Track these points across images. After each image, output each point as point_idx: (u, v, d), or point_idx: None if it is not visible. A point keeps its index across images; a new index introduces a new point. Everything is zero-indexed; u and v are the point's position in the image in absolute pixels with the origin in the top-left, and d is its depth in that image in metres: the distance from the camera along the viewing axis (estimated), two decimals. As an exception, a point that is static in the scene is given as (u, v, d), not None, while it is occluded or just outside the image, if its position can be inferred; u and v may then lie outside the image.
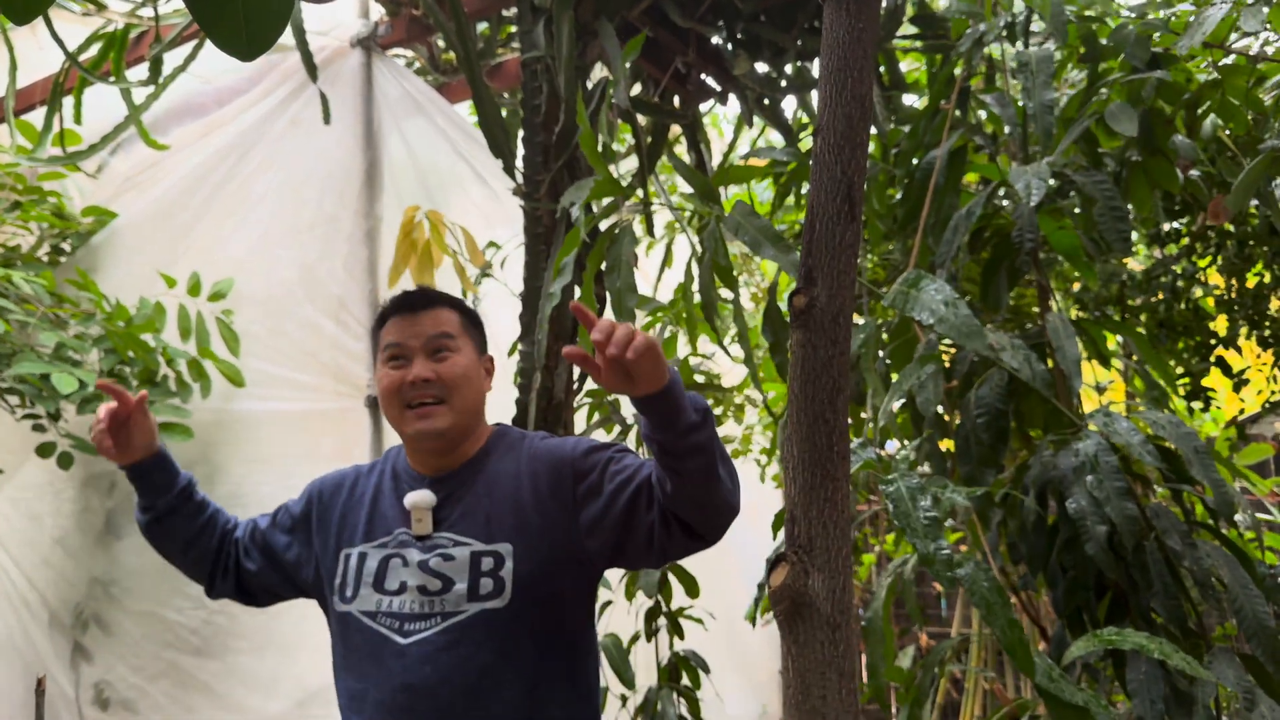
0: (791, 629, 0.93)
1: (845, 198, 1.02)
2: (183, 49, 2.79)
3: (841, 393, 0.97)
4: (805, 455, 0.96)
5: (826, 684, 0.90)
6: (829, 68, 1.08)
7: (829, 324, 0.99)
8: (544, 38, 2.49)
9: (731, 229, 1.77)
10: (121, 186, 3.83)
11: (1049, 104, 2.04)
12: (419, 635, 1.57)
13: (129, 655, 3.54)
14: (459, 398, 1.65)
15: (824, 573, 0.92)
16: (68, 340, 3.19)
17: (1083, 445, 1.75)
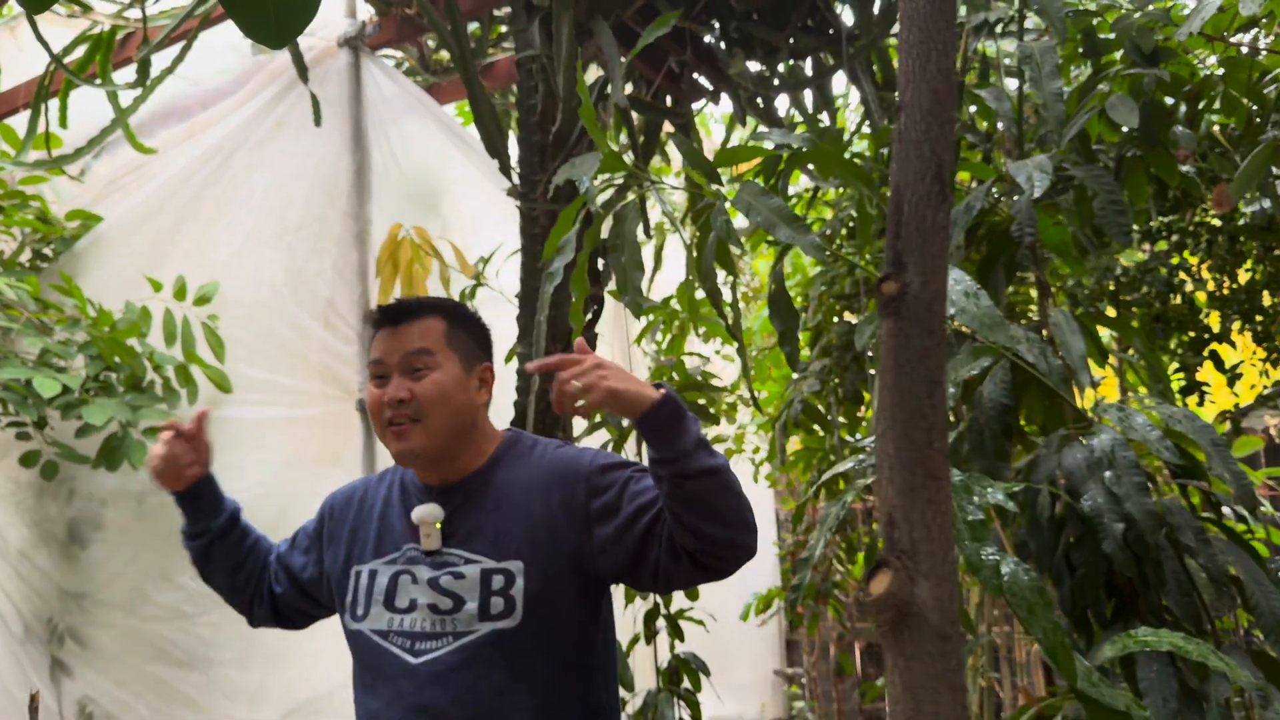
0: (898, 640, 0.89)
1: (935, 177, 0.99)
2: (170, 50, 2.74)
3: (939, 385, 0.92)
4: (903, 453, 0.91)
5: (939, 699, 0.86)
6: (909, 41, 1.04)
7: (923, 311, 0.94)
8: (539, 37, 2.47)
9: (742, 209, 1.74)
10: (105, 190, 3.78)
11: (1057, 92, 2.03)
12: (430, 655, 1.54)
13: (110, 669, 3.49)
14: (435, 416, 1.59)
15: (930, 579, 0.88)
16: (52, 346, 3.14)
17: (1098, 441, 1.74)
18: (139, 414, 3.21)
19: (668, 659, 3.23)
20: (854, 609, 4.84)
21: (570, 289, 1.93)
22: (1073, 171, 2.15)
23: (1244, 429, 4.12)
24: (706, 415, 3.30)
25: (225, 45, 3.58)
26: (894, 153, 1.04)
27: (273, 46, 0.68)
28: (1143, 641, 1.52)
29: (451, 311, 1.70)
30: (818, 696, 5.53)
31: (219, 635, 3.36)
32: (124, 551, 3.53)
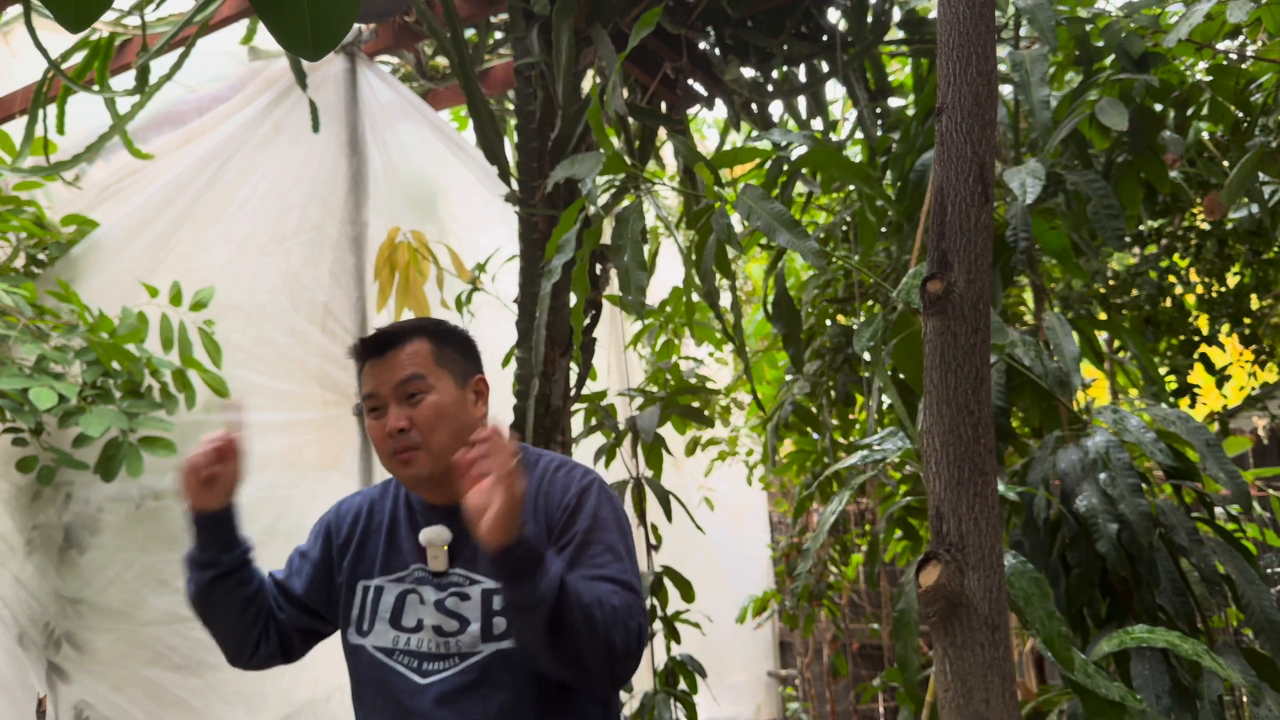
0: (947, 631, 0.91)
1: (978, 178, 1.01)
2: (168, 57, 2.76)
3: (985, 382, 0.95)
4: (950, 449, 0.93)
5: (990, 687, 0.88)
6: (949, 44, 1.06)
7: (969, 310, 0.97)
8: (538, 44, 2.49)
9: (743, 213, 1.75)
10: (101, 195, 3.78)
11: (1044, 100, 2.07)
12: (438, 675, 1.55)
13: (107, 674, 3.47)
14: (436, 439, 1.60)
15: (979, 571, 0.90)
16: (49, 353, 3.15)
17: (1093, 442, 1.77)
18: (136, 421, 3.21)
19: (664, 661, 3.25)
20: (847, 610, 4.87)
21: (572, 290, 1.95)
22: (1067, 176, 2.18)
23: (1232, 430, 4.17)
24: (701, 418, 3.32)
25: (222, 52, 3.60)
26: (936, 155, 1.06)
27: (309, 58, 0.70)
28: (1138, 639, 1.55)
29: (435, 331, 1.69)
30: (812, 698, 5.56)
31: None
32: (121, 556, 3.52)
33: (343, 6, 0.69)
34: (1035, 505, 1.87)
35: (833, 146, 2.25)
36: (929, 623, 0.95)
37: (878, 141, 2.80)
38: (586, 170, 1.96)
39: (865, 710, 5.29)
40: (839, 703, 5.58)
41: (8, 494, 3.71)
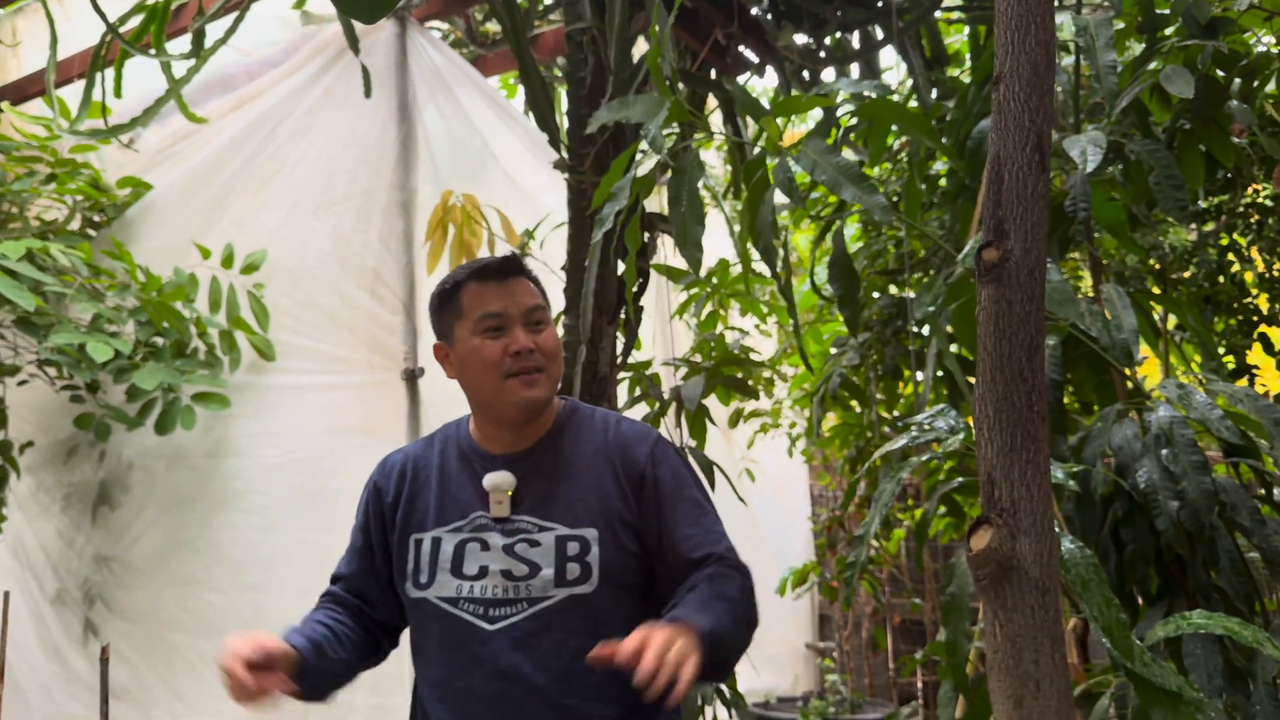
0: (998, 594, 0.92)
1: (1035, 147, 1.01)
2: (223, 21, 2.77)
3: (1039, 350, 0.95)
4: (1003, 415, 0.94)
5: (1039, 648, 0.89)
6: (1008, 14, 1.06)
7: (1025, 278, 0.97)
8: (590, 10, 2.47)
9: (806, 167, 1.71)
10: (154, 158, 3.83)
11: (1111, 64, 2.01)
12: (506, 621, 1.56)
13: (129, 633, 3.54)
14: (554, 368, 1.66)
15: (1030, 536, 0.91)
16: (104, 311, 3.21)
17: (1156, 417, 1.74)
18: (185, 379, 3.27)
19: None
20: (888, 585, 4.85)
21: (625, 241, 1.93)
22: (1128, 146, 2.13)
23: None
24: (745, 390, 3.31)
25: (274, 16, 3.61)
26: (993, 123, 1.06)
27: (365, 21, 0.70)
28: (1196, 625, 1.52)
29: (536, 278, 1.74)
30: (850, 671, 5.56)
31: (228, 604, 3.40)
32: (145, 516, 3.59)
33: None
34: (1091, 480, 1.85)
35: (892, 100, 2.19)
36: (979, 585, 0.95)
37: (932, 108, 2.75)
38: (638, 114, 1.92)
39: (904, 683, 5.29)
40: (877, 676, 5.57)
41: (48, 451, 3.80)
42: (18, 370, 3.45)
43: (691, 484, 1.66)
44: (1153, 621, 1.85)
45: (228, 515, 3.43)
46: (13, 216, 3.63)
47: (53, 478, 3.84)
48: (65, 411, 3.59)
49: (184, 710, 3.42)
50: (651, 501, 1.61)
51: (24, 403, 3.72)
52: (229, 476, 3.45)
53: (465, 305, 1.65)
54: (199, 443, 3.47)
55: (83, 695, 3.65)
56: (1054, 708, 0.89)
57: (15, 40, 4.26)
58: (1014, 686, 0.91)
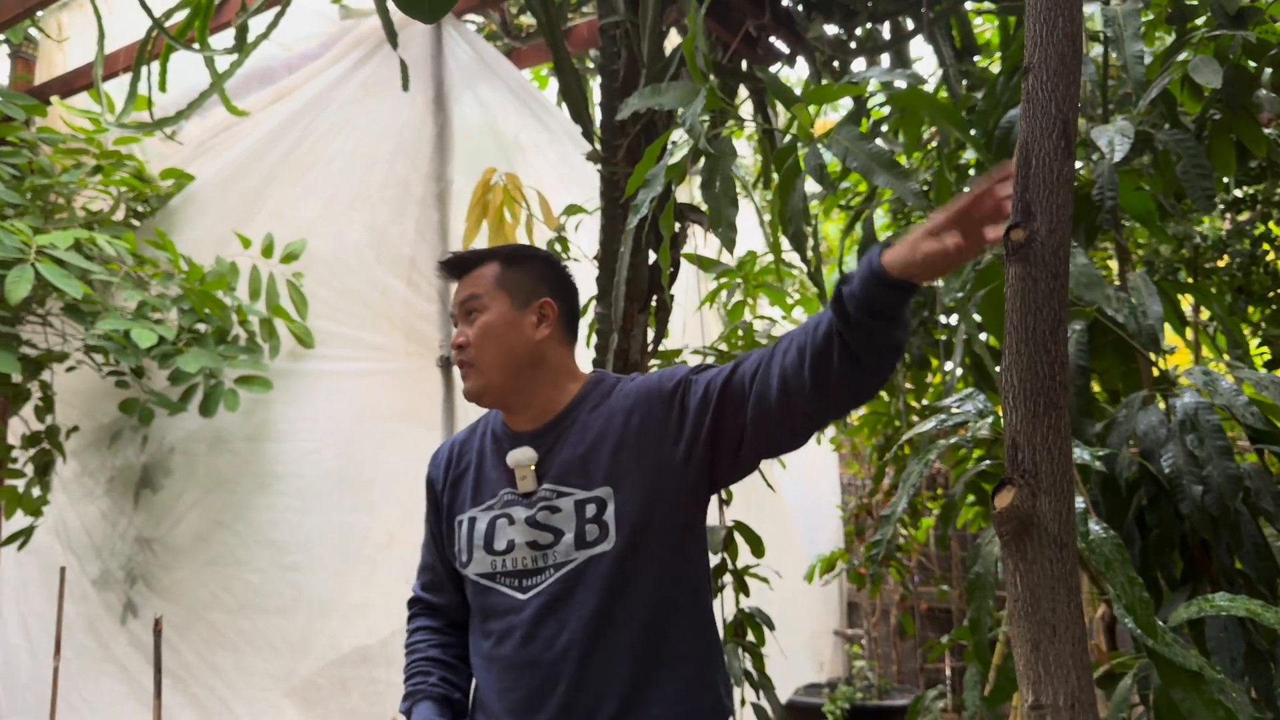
0: (1019, 547, 0.99)
1: (1061, 134, 1.07)
2: (265, 16, 2.84)
3: (1062, 324, 1.02)
4: (1027, 385, 1.01)
5: (1056, 598, 0.96)
6: (1036, 7, 1.12)
7: (1049, 257, 1.04)
8: (623, 3, 2.52)
9: (838, 154, 1.74)
10: (196, 150, 3.92)
11: (1138, 55, 2.03)
12: (536, 589, 1.61)
13: (168, 611, 3.60)
14: (484, 355, 1.68)
15: (1050, 495, 0.98)
16: (149, 299, 3.30)
17: (1181, 403, 1.77)
18: (226, 364, 3.36)
19: (733, 613, 3.31)
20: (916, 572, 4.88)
21: (660, 228, 1.97)
22: (1156, 135, 2.15)
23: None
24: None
25: (312, 10, 3.69)
26: (1022, 111, 1.12)
27: (426, 21, 0.75)
28: (1219, 607, 1.55)
29: (510, 255, 1.76)
30: (878, 657, 5.60)
31: (268, 583, 3.47)
32: (187, 498, 3.68)
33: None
34: (1117, 464, 1.87)
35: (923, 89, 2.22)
36: (1002, 541, 1.01)
37: (962, 99, 2.77)
38: (671, 101, 1.97)
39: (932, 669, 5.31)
40: (905, 663, 5.61)
41: (93, 435, 3.91)
42: (66, 357, 3.55)
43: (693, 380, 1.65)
44: (1176, 605, 1.88)
45: (267, 498, 3.52)
46: (60, 207, 3.73)
47: (97, 461, 3.94)
48: (110, 396, 3.69)
49: (223, 687, 3.51)
50: (685, 433, 1.60)
51: (69, 389, 3.83)
52: (268, 460, 3.54)
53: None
54: (239, 427, 3.56)
55: (120, 673, 3.76)
56: (1069, 650, 0.96)
57: (63, 36, 4.36)
58: (1032, 631, 0.98)
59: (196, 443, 3.68)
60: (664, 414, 1.62)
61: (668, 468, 1.60)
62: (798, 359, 1.46)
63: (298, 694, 3.39)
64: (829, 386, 1.43)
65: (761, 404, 1.51)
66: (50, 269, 2.89)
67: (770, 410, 1.50)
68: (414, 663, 1.81)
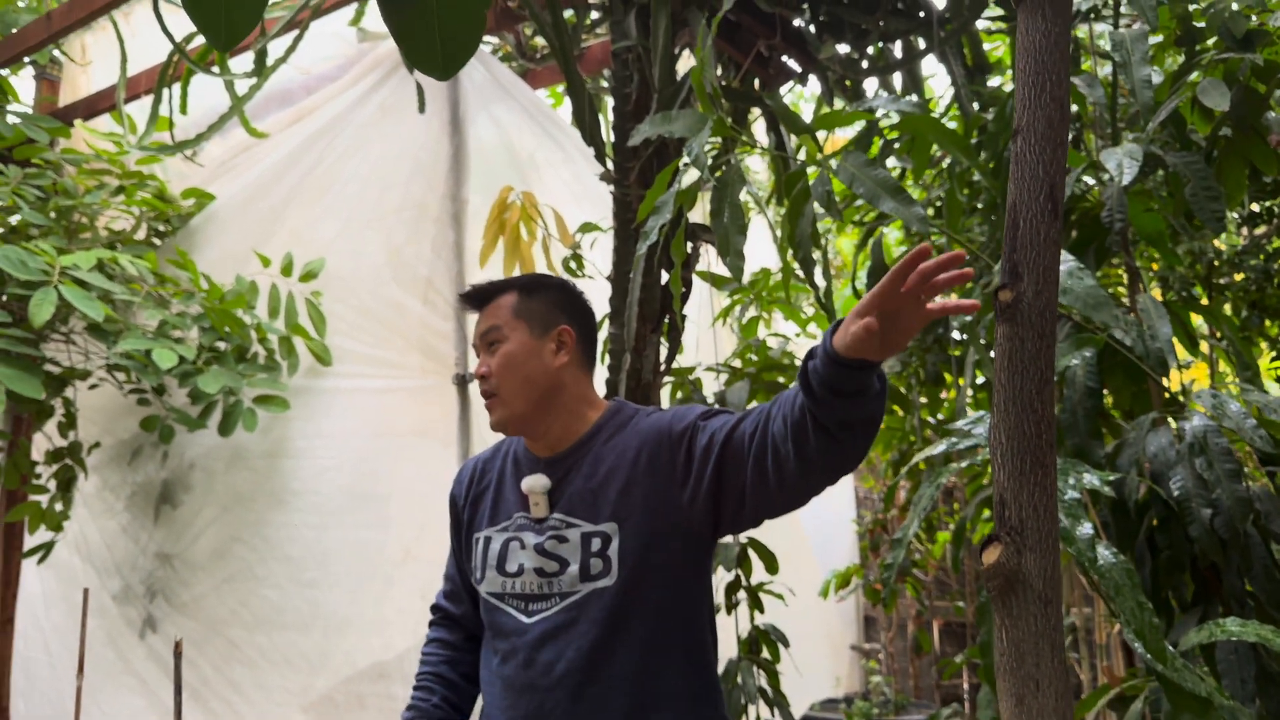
0: (1005, 604, 1.01)
1: (1048, 196, 1.09)
2: (283, 39, 2.89)
3: (1048, 384, 1.04)
4: (1014, 443, 1.03)
5: (1040, 653, 0.98)
6: (1025, 71, 1.14)
7: (1036, 318, 1.06)
8: (635, 27, 2.55)
9: (846, 180, 1.76)
10: (216, 171, 3.97)
11: (1146, 79, 2.04)
12: (540, 615, 1.65)
13: (186, 627, 3.65)
14: (506, 385, 1.71)
15: (1036, 553, 1.00)
16: (170, 318, 3.34)
17: (1191, 425, 1.77)
18: (245, 382, 3.40)
19: (748, 630, 3.32)
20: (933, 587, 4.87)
21: (671, 254, 2.00)
22: (1166, 157, 2.16)
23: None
24: (789, 394, 3.36)
25: (331, 33, 3.74)
26: (1011, 173, 1.13)
27: (440, 78, 0.77)
28: (1230, 632, 1.55)
29: (527, 284, 1.79)
30: (894, 672, 5.58)
31: (285, 599, 3.49)
32: (206, 514, 3.71)
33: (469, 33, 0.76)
34: (1126, 487, 1.88)
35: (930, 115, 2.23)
36: (990, 595, 1.03)
37: (974, 118, 2.79)
38: (680, 129, 2.00)
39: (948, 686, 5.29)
40: (922, 678, 5.59)
41: (114, 451, 3.95)
42: (88, 374, 3.60)
43: (701, 426, 1.66)
44: (1186, 627, 1.89)
45: (285, 514, 3.55)
46: (83, 226, 3.79)
47: (117, 477, 3.99)
48: (131, 413, 3.74)
49: (241, 702, 3.54)
50: (690, 477, 1.62)
51: (92, 405, 3.88)
52: (286, 476, 3.57)
53: None
54: (258, 444, 3.60)
55: (140, 687, 3.79)
56: (1052, 705, 0.97)
57: (86, 59, 4.43)
58: (1016, 686, 0.99)
59: (216, 459, 3.71)
60: (670, 456, 1.64)
61: (673, 509, 1.63)
62: (782, 428, 1.48)
63: (314, 710, 3.42)
64: (810, 458, 1.45)
65: (759, 468, 1.53)
66: (73, 291, 2.94)
67: (766, 475, 1.52)
68: (423, 675, 1.88)
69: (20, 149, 3.80)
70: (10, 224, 3.60)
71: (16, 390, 2.87)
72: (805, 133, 1.89)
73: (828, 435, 1.41)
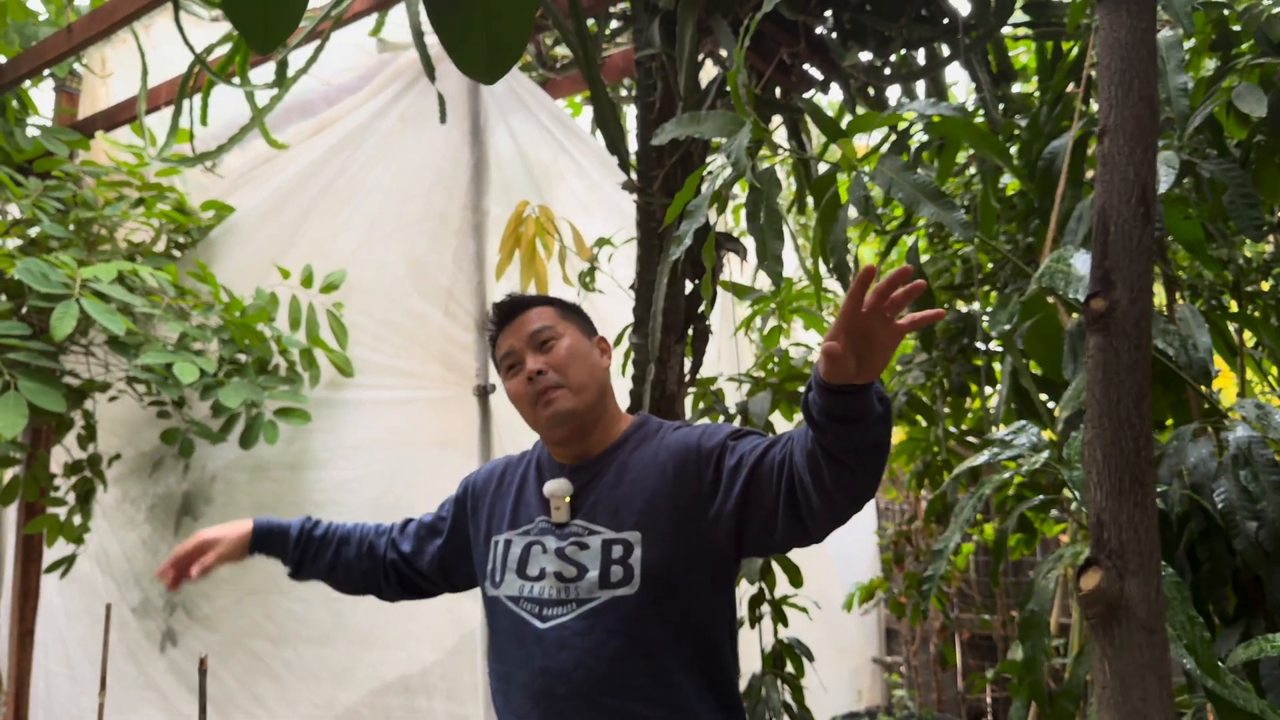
0: (1106, 632, 0.96)
1: (1140, 199, 1.04)
2: (304, 50, 2.88)
3: (1146, 397, 0.98)
4: (1111, 460, 0.98)
5: (1146, 686, 0.93)
6: (1111, 69, 1.09)
7: (1131, 328, 1.01)
8: (659, 36, 2.53)
9: (883, 185, 1.73)
10: (236, 182, 3.97)
11: (1182, 87, 2.01)
12: (556, 620, 1.64)
13: (209, 640, 3.65)
14: (573, 375, 1.73)
15: (1138, 577, 0.94)
16: (190, 330, 3.33)
17: (1234, 437, 1.74)
18: (266, 395, 3.38)
19: (771, 643, 3.28)
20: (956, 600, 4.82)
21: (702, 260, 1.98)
22: (1202, 165, 2.12)
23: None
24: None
25: (351, 44, 3.73)
26: (1098, 176, 1.09)
27: (485, 82, 0.75)
28: (1278, 647, 1.52)
29: (554, 300, 1.85)
30: (918, 686, 5.52)
31: (310, 612, 3.49)
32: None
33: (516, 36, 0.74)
34: (1167, 499, 1.84)
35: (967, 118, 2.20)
36: (1089, 624, 0.98)
37: (1004, 126, 2.75)
38: (709, 130, 1.97)
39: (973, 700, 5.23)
40: (945, 692, 5.53)
41: (134, 463, 3.94)
42: (108, 387, 3.60)
43: (731, 446, 1.67)
44: (1229, 641, 1.85)
45: (305, 523, 3.53)
46: (103, 238, 3.79)
47: (138, 489, 3.98)
48: (151, 425, 3.73)
49: (266, 716, 3.52)
50: (717, 496, 1.63)
51: (112, 417, 3.88)
52: (309, 488, 3.56)
53: (497, 351, 1.82)
54: (280, 455, 3.58)
55: (160, 700, 3.78)
56: None
57: (106, 71, 4.44)
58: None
59: (237, 471, 3.70)
60: (698, 472, 1.65)
61: (697, 523, 1.63)
62: (802, 459, 1.48)
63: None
64: (826, 487, 1.45)
65: (790, 499, 1.53)
66: (94, 305, 2.93)
67: (796, 506, 1.52)
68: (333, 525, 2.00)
69: (40, 161, 3.81)
70: (30, 236, 3.60)
71: (37, 404, 2.86)
72: (840, 136, 1.85)
73: (837, 463, 1.41)
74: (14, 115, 4.00)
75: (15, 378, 2.87)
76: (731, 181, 1.95)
